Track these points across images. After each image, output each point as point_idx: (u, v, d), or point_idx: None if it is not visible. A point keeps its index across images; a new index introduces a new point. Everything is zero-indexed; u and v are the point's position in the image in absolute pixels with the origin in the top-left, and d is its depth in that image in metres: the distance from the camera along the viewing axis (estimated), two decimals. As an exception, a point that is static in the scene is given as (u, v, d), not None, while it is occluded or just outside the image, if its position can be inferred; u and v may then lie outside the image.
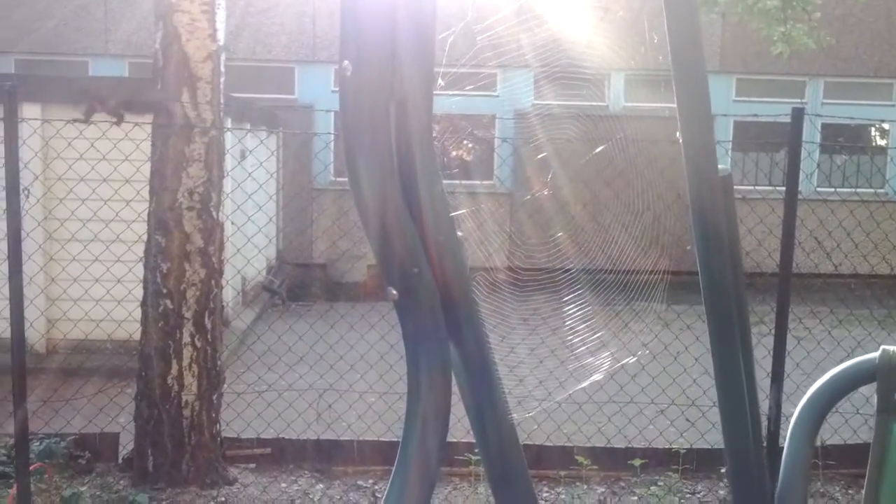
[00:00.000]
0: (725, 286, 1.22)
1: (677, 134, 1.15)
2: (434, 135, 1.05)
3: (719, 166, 1.19)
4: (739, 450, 1.30)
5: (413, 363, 1.06)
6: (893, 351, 1.23)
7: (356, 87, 0.96)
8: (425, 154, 1.01)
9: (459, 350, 1.09)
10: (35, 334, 7.61)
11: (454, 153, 12.84)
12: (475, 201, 12.62)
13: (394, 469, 1.09)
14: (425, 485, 1.09)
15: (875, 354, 1.24)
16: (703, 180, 1.16)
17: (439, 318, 1.05)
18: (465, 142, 13.37)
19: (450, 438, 1.14)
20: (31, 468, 4.81)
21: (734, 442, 1.30)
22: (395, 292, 1.03)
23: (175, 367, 5.21)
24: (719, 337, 1.25)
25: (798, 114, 5.06)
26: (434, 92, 1.02)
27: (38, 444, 5.32)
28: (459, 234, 1.06)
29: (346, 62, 0.95)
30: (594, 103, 12.31)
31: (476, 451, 4.87)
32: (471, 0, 1.37)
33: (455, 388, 1.12)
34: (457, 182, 12.25)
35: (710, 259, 1.21)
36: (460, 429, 1.21)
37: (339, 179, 13.20)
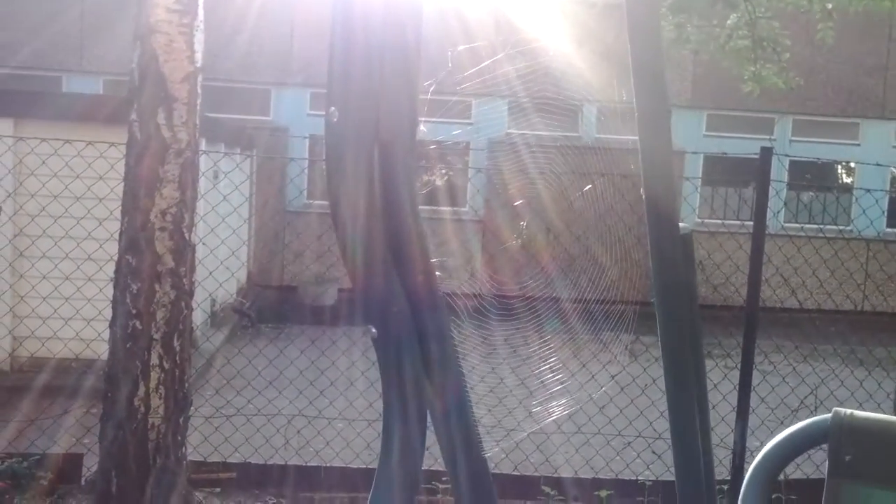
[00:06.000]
0: (683, 342, 1.25)
1: (641, 190, 1.16)
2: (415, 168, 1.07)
3: (680, 224, 1.21)
4: (692, 490, 1.32)
5: (389, 398, 1.08)
6: (846, 413, 1.21)
7: (342, 132, 0.99)
8: (408, 195, 1.03)
9: (435, 384, 1.11)
10: (0, 352, 7.50)
11: (428, 179, 12.88)
12: (448, 228, 12.65)
13: (369, 500, 1.11)
14: None
15: (827, 416, 1.22)
16: (665, 237, 1.18)
17: (416, 354, 1.07)
18: (440, 167, 13.41)
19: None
20: (-9, 488, 4.74)
21: (687, 481, 1.33)
22: (374, 330, 1.06)
23: (142, 388, 5.15)
24: (676, 389, 1.28)
25: (766, 153, 5.15)
26: (417, 133, 1.05)
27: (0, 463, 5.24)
28: (438, 274, 1.09)
29: (332, 108, 0.98)
30: (568, 133, 12.45)
31: (444, 479, 4.84)
32: (450, 54, 1.40)
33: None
34: (430, 208, 12.28)
35: (669, 314, 1.24)
36: (428, 456, 1.23)
37: (312, 202, 13.20)
